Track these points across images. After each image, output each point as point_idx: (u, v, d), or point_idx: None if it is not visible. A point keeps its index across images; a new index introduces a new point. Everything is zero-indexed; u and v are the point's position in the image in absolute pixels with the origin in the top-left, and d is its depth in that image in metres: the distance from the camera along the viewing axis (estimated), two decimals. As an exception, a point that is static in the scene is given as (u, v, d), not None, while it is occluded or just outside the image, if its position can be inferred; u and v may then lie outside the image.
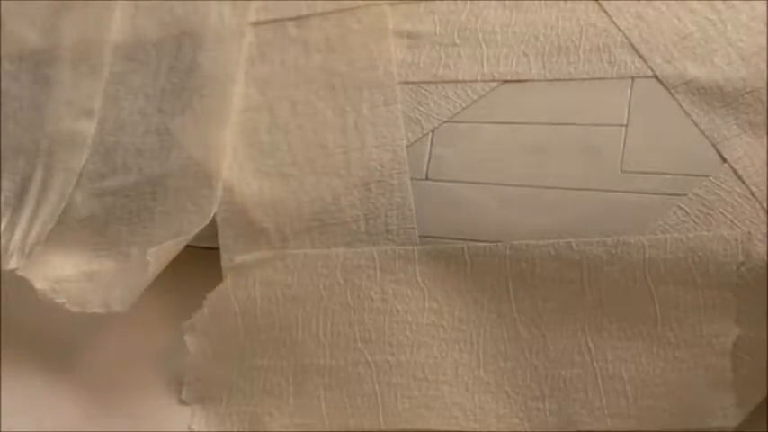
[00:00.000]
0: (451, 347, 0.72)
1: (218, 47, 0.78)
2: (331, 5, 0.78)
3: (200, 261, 0.75)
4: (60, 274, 0.76)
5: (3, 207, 0.78)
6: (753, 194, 0.68)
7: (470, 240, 0.71)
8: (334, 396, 0.72)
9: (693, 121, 0.70)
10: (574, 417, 0.70)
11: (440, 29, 0.76)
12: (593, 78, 0.72)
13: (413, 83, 0.75)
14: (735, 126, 0.69)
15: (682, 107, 0.70)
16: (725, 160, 0.69)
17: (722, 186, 0.68)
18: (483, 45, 0.74)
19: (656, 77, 0.71)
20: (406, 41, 0.76)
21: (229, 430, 0.73)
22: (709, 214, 0.68)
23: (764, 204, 0.68)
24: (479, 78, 0.74)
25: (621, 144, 0.70)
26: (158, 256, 0.73)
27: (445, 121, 0.73)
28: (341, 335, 0.72)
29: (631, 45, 0.72)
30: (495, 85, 0.73)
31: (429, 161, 0.73)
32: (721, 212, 0.68)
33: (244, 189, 0.75)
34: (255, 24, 0.79)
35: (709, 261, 0.67)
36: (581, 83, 0.72)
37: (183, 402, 0.75)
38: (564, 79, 0.72)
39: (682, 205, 0.68)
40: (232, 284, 0.74)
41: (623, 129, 0.70)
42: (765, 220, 0.67)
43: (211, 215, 0.74)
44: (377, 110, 0.74)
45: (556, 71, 0.73)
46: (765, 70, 0.70)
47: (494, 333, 0.71)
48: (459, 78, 0.74)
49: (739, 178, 0.68)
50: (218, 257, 0.75)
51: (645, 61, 0.72)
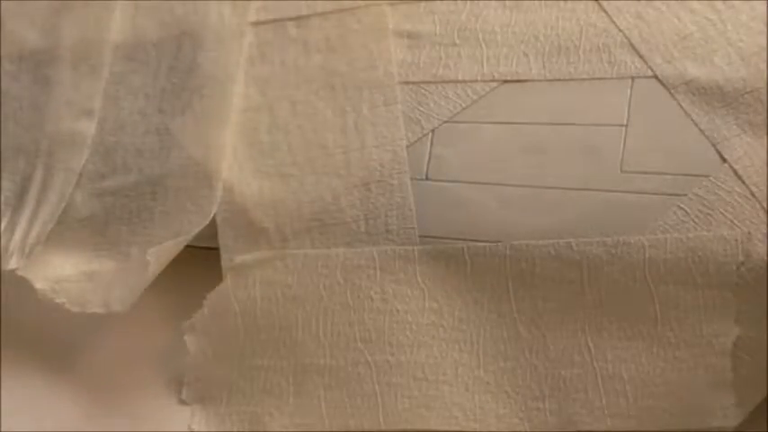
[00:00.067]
0: (451, 347, 0.72)
1: (218, 47, 0.78)
2: (331, 5, 0.78)
3: (200, 261, 0.75)
4: (60, 274, 0.76)
5: (3, 207, 0.78)
6: (753, 194, 0.68)
7: (470, 240, 0.71)
8: (334, 396, 0.72)
9: (693, 121, 0.70)
10: (574, 417, 0.70)
11: (440, 29, 0.76)
12: (593, 78, 0.72)
13: (413, 83, 0.75)
14: (735, 126, 0.69)
15: (682, 107, 0.70)
16: (725, 160, 0.69)
17: (722, 186, 0.68)
18: (483, 45, 0.74)
19: (656, 77, 0.71)
20: (406, 41, 0.76)
21: (229, 430, 0.73)
22: (709, 214, 0.68)
23: (764, 204, 0.68)
24: (479, 78, 0.74)
25: (621, 144, 0.70)
26: (158, 256, 0.73)
27: (445, 121, 0.73)
28: (341, 335, 0.72)
29: (631, 45, 0.72)
30: (495, 85, 0.73)
31: (429, 161, 0.73)
32: (721, 212, 0.68)
33: (244, 189, 0.75)
34: (255, 24, 0.79)
35: (710, 261, 0.67)
36: (581, 83, 0.72)
37: (183, 402, 0.75)
38: (564, 79, 0.72)
39: (682, 205, 0.68)
40: (232, 284, 0.74)
41: (623, 129, 0.70)
42: (765, 220, 0.67)
43: (211, 215, 0.74)
44: (377, 110, 0.74)
45: (556, 71, 0.73)
46: (765, 70, 0.70)
47: (494, 333, 0.71)
48: (459, 78, 0.74)
49: (739, 178, 0.68)
50: (218, 257, 0.75)
51: (645, 61, 0.72)
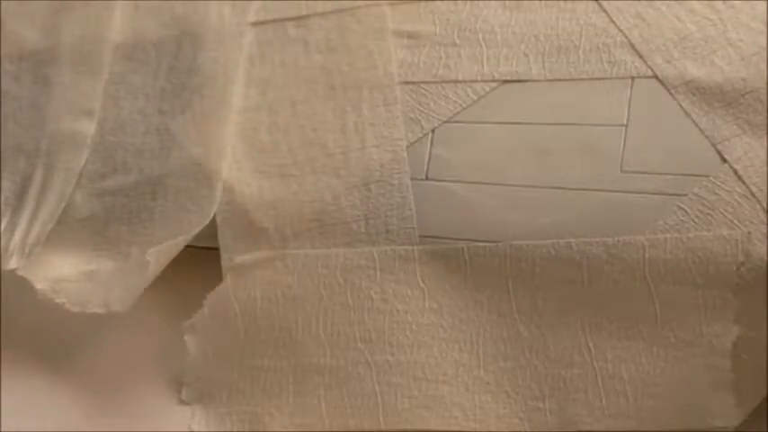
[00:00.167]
0: (451, 347, 0.72)
1: (218, 47, 0.78)
2: (331, 5, 0.78)
3: (200, 261, 0.75)
4: (60, 274, 0.76)
5: (3, 207, 0.78)
6: (753, 194, 0.68)
7: (470, 240, 0.71)
8: (334, 396, 0.72)
9: (693, 121, 0.70)
10: (574, 417, 0.70)
11: (440, 29, 0.76)
12: (593, 78, 0.72)
13: (413, 83, 0.75)
14: (735, 126, 0.69)
15: (682, 107, 0.70)
16: (725, 160, 0.69)
17: (722, 186, 0.68)
18: (483, 45, 0.74)
19: (656, 77, 0.71)
20: (406, 41, 0.76)
21: (229, 430, 0.73)
22: (709, 214, 0.68)
23: (764, 204, 0.68)
24: (479, 78, 0.74)
25: (621, 144, 0.70)
26: (158, 256, 0.73)
27: (445, 121, 0.73)
28: (341, 335, 0.72)
29: (631, 45, 0.72)
30: (495, 85, 0.73)
31: (429, 161, 0.73)
32: (721, 212, 0.68)
33: (244, 189, 0.75)
34: (255, 24, 0.79)
35: (710, 261, 0.67)
36: (581, 83, 0.72)
37: (183, 402, 0.75)
38: (564, 79, 0.72)
39: (682, 205, 0.68)
40: (232, 284, 0.74)
41: (623, 129, 0.70)
42: (765, 220, 0.67)
43: (211, 215, 0.74)
44: (377, 110, 0.74)
45: (556, 71, 0.73)
46: (765, 70, 0.70)
47: (494, 333, 0.71)
48: (460, 78, 0.74)
49: (739, 178, 0.68)
50: (218, 257, 0.75)
51: (645, 61, 0.72)
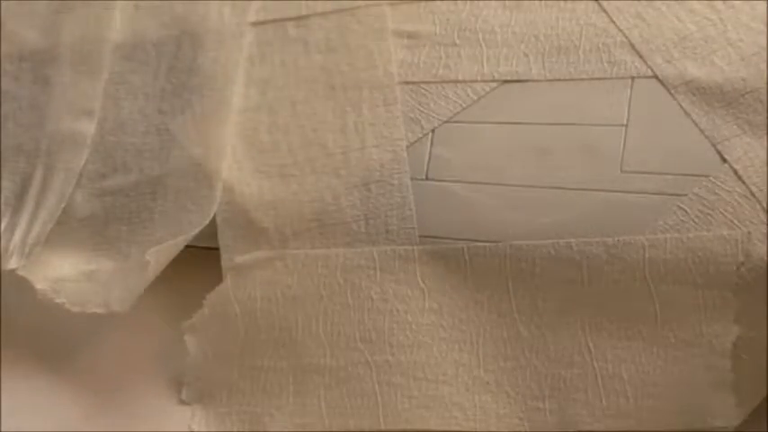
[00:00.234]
0: (451, 347, 0.72)
1: (218, 47, 0.78)
2: (331, 5, 0.78)
3: (200, 261, 0.75)
4: (60, 274, 0.76)
5: (3, 207, 0.78)
6: (753, 194, 0.68)
7: (470, 240, 0.71)
8: (334, 396, 0.72)
9: (693, 121, 0.70)
10: (574, 417, 0.70)
11: (440, 29, 0.76)
12: (593, 78, 0.72)
13: (413, 83, 0.75)
14: (735, 126, 0.69)
15: (682, 107, 0.70)
16: (725, 160, 0.69)
17: (722, 186, 0.68)
18: (483, 45, 0.74)
19: (656, 77, 0.71)
20: (406, 41, 0.76)
21: (229, 430, 0.73)
22: (710, 214, 0.68)
23: (764, 204, 0.68)
24: (479, 78, 0.74)
25: (621, 144, 0.70)
26: (158, 256, 0.73)
27: (445, 121, 0.73)
28: (341, 335, 0.72)
29: (631, 45, 0.72)
30: (495, 85, 0.73)
31: (429, 161, 0.73)
32: (721, 212, 0.68)
33: (244, 189, 0.75)
34: (255, 24, 0.79)
35: (710, 261, 0.67)
36: (581, 83, 0.72)
37: (183, 402, 0.75)
38: (564, 79, 0.72)
39: (682, 205, 0.68)
40: (232, 284, 0.74)
41: (623, 129, 0.70)
42: (765, 220, 0.67)
43: (211, 215, 0.74)
44: (377, 110, 0.74)
45: (556, 71, 0.73)
46: (765, 70, 0.70)
47: (494, 333, 0.71)
48: (460, 78, 0.74)
49: (739, 178, 0.68)
50: (218, 257, 0.75)
51: (645, 61, 0.72)
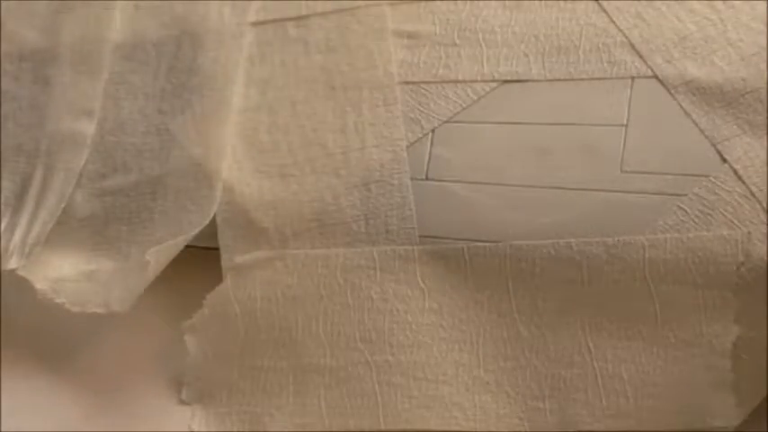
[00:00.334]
0: (451, 347, 0.72)
1: (218, 47, 0.78)
2: (331, 5, 0.78)
3: (200, 261, 0.75)
4: (60, 274, 0.76)
5: (3, 207, 0.78)
6: (753, 194, 0.68)
7: (470, 240, 0.71)
8: (334, 396, 0.72)
9: (693, 121, 0.70)
10: (574, 417, 0.70)
11: (440, 29, 0.76)
12: (593, 78, 0.72)
13: (413, 83, 0.75)
14: (735, 126, 0.69)
15: (682, 107, 0.70)
16: (725, 160, 0.69)
17: (722, 186, 0.68)
18: (483, 45, 0.74)
19: (656, 77, 0.71)
20: (406, 41, 0.76)
21: (229, 430, 0.73)
22: (710, 214, 0.68)
23: (764, 204, 0.68)
24: (479, 78, 0.74)
25: (621, 144, 0.70)
26: (158, 256, 0.73)
27: (445, 121, 0.73)
28: (341, 335, 0.72)
29: (631, 45, 0.72)
30: (495, 85, 0.73)
31: (429, 161, 0.73)
32: (721, 212, 0.68)
33: (244, 189, 0.75)
34: (255, 24, 0.79)
35: (709, 261, 0.67)
36: (581, 83, 0.72)
37: (183, 402, 0.75)
38: (564, 79, 0.72)
39: (682, 205, 0.68)
40: (232, 284, 0.74)
41: (623, 129, 0.70)
42: (765, 220, 0.67)
43: (211, 215, 0.74)
44: (377, 110, 0.74)
45: (556, 71, 0.73)
46: (765, 70, 0.70)
47: (494, 333, 0.71)
48: (460, 78, 0.74)
49: (739, 178, 0.68)
50: (218, 257, 0.75)
51: (645, 61, 0.72)
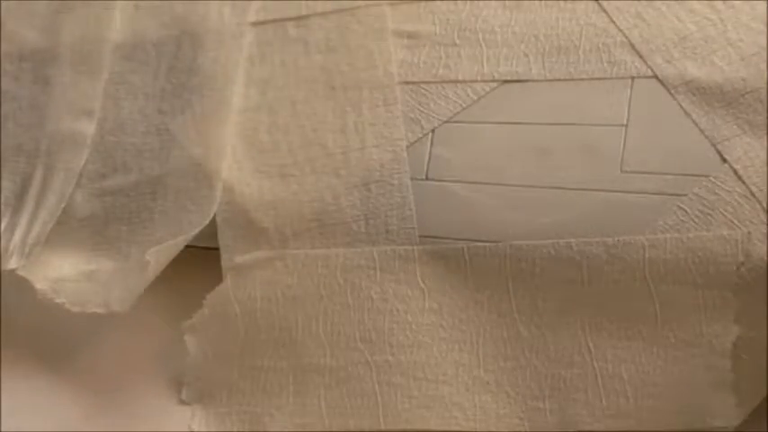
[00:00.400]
0: (451, 347, 0.72)
1: (218, 47, 0.78)
2: (331, 5, 0.78)
3: (200, 261, 0.75)
4: (60, 274, 0.76)
5: (3, 207, 0.78)
6: (753, 194, 0.68)
7: (470, 240, 0.71)
8: (334, 396, 0.72)
9: (693, 121, 0.70)
10: (574, 417, 0.70)
11: (440, 29, 0.76)
12: (593, 78, 0.72)
13: (413, 83, 0.75)
14: (735, 126, 0.69)
15: (682, 107, 0.70)
16: (725, 160, 0.69)
17: (722, 186, 0.68)
18: (483, 45, 0.74)
19: (656, 77, 0.71)
20: (406, 41, 0.76)
21: (229, 430, 0.73)
22: (710, 214, 0.68)
23: (764, 204, 0.68)
24: (479, 78, 0.74)
25: (621, 144, 0.70)
26: (158, 256, 0.73)
27: (445, 121, 0.73)
28: (341, 335, 0.72)
29: (631, 45, 0.72)
30: (495, 85, 0.73)
31: (429, 161, 0.73)
32: (721, 212, 0.68)
33: (244, 189, 0.75)
34: (255, 24, 0.79)
35: (709, 261, 0.67)
36: (581, 83, 0.72)
37: (183, 402, 0.75)
38: (564, 79, 0.72)
39: (682, 205, 0.68)
40: (232, 284, 0.74)
41: (623, 129, 0.70)
42: (765, 220, 0.67)
43: (211, 215, 0.74)
44: (377, 110, 0.74)
45: (556, 71, 0.73)
46: (765, 70, 0.70)
47: (494, 333, 0.71)
48: (460, 78, 0.74)
49: (739, 178, 0.68)
50: (218, 257, 0.75)
51: (645, 61, 0.72)
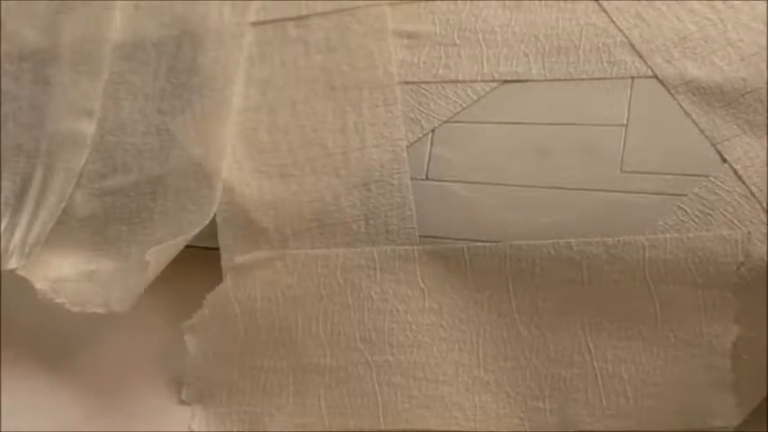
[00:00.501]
0: (451, 347, 0.72)
1: (218, 47, 0.78)
2: (331, 5, 0.78)
3: (200, 261, 0.75)
4: (60, 274, 0.76)
5: (3, 207, 0.78)
6: (753, 194, 0.68)
7: (470, 240, 0.71)
8: (334, 396, 0.72)
9: (693, 121, 0.70)
10: (574, 417, 0.70)
11: (440, 29, 0.76)
12: (593, 78, 0.72)
13: (413, 83, 0.75)
14: (735, 126, 0.69)
15: (682, 107, 0.70)
16: (725, 160, 0.69)
17: (722, 186, 0.68)
18: (483, 45, 0.74)
19: (656, 77, 0.71)
20: (406, 41, 0.76)
21: (229, 430, 0.73)
22: (710, 214, 0.68)
23: (764, 204, 0.68)
24: (479, 78, 0.74)
25: (621, 144, 0.70)
26: (158, 256, 0.73)
27: (445, 121, 0.73)
28: (341, 335, 0.72)
29: (631, 45, 0.72)
30: (495, 85, 0.73)
31: (429, 161, 0.73)
32: (721, 212, 0.68)
33: (244, 189, 0.75)
34: (255, 24, 0.79)
35: (709, 261, 0.67)
36: (581, 83, 0.72)
37: (183, 402, 0.75)
38: (564, 79, 0.72)
39: (682, 205, 0.68)
40: (232, 284, 0.74)
41: (623, 129, 0.70)
42: (765, 220, 0.67)
43: (211, 215, 0.74)
44: (377, 110, 0.74)
45: (556, 71, 0.73)
46: (765, 70, 0.70)
47: (494, 333, 0.71)
48: (460, 78, 0.74)
49: (739, 178, 0.68)
50: (218, 257, 0.75)
51: (645, 61, 0.72)
